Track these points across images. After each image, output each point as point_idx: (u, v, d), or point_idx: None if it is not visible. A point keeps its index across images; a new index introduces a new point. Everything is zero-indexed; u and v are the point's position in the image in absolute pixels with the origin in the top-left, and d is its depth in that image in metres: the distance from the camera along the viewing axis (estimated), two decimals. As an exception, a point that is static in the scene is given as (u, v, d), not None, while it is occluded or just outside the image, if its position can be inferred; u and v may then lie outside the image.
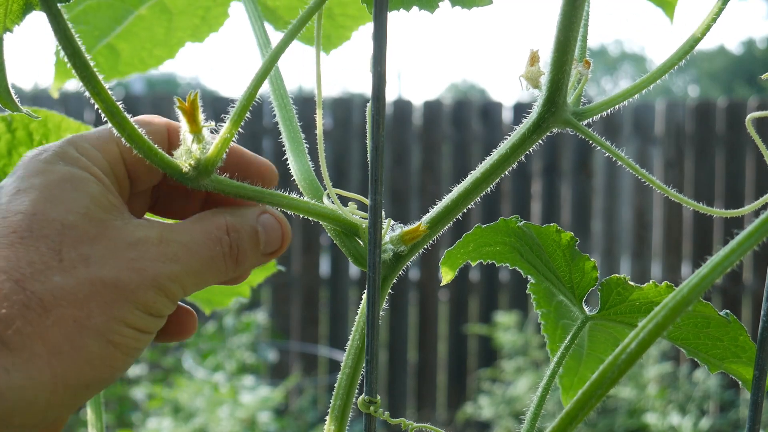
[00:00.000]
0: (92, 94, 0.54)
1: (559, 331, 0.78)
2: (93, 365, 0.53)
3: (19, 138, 0.76)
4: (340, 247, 0.67)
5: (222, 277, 0.60)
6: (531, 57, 0.66)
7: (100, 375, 0.54)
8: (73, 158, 0.57)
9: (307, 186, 0.69)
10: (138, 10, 0.91)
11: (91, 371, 0.53)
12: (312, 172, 0.70)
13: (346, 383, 0.65)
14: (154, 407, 3.52)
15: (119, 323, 0.54)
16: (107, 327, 0.53)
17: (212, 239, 0.59)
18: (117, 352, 0.54)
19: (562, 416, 0.51)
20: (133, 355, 0.56)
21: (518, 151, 0.65)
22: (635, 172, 0.65)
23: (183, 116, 0.55)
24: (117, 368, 0.55)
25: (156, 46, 0.94)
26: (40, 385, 0.51)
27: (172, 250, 0.56)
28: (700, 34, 0.66)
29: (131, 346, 0.55)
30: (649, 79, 0.66)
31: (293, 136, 0.71)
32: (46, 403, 0.51)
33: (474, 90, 37.19)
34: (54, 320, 0.51)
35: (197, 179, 0.57)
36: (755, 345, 0.66)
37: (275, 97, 0.73)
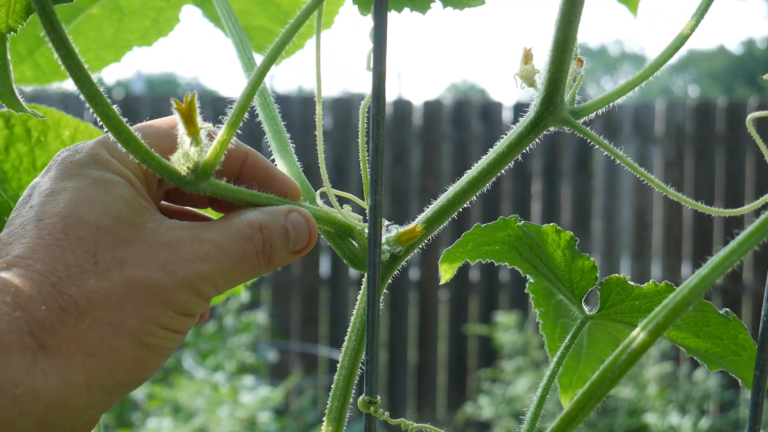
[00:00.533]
0: (87, 97, 0.53)
1: (557, 330, 0.78)
2: (127, 366, 0.54)
3: (17, 134, 0.76)
4: (334, 249, 0.67)
5: (253, 275, 0.61)
6: (524, 55, 0.66)
7: (133, 375, 0.55)
8: (104, 161, 0.58)
9: (300, 186, 0.68)
10: (89, 9, 0.89)
11: (125, 372, 0.54)
12: (302, 173, 0.69)
13: (343, 384, 0.65)
14: (154, 407, 3.52)
15: (153, 325, 0.55)
16: (141, 329, 0.54)
17: (245, 238, 0.59)
18: (150, 353, 0.55)
19: (563, 416, 0.51)
20: (165, 355, 0.57)
21: (515, 150, 0.65)
22: (632, 169, 0.65)
23: (180, 118, 0.55)
24: (150, 368, 0.56)
25: (102, 47, 0.92)
26: (76, 387, 0.51)
27: (205, 249, 0.57)
28: (689, 31, 0.66)
29: (164, 347, 0.56)
30: (641, 76, 0.66)
31: (279, 137, 0.70)
32: (82, 404, 0.52)
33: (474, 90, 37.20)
34: (89, 323, 0.52)
35: (195, 183, 0.57)
36: (755, 343, 0.66)
37: (257, 96, 0.72)
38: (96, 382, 0.53)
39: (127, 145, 0.54)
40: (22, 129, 0.76)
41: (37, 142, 0.77)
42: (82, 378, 0.52)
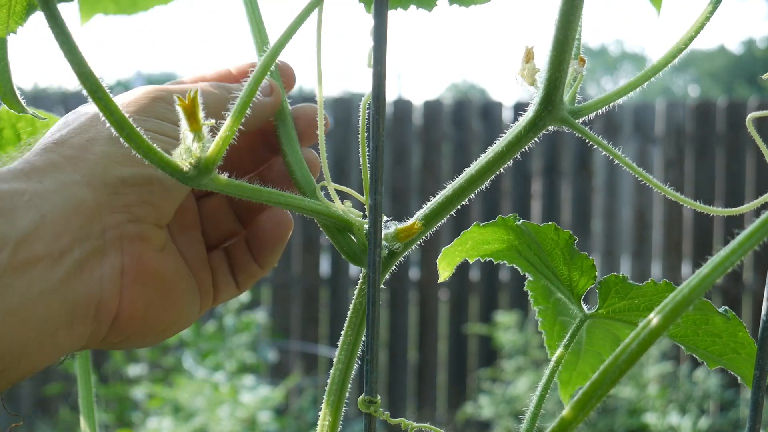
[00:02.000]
0: (90, 93, 0.53)
1: (557, 327, 0.78)
2: (117, 161, 0.59)
3: (7, 137, 0.76)
4: (333, 243, 0.68)
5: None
6: (526, 54, 0.66)
7: (122, 169, 0.59)
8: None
9: (301, 178, 0.69)
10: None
11: (116, 167, 0.59)
12: (306, 166, 0.70)
13: (339, 380, 0.65)
14: (154, 407, 3.52)
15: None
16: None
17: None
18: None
19: (563, 416, 0.51)
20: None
21: (514, 149, 0.65)
22: (631, 169, 0.65)
23: (183, 114, 0.54)
24: (145, 163, 0.60)
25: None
26: (74, 184, 0.57)
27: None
28: (694, 33, 0.66)
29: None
30: (643, 76, 0.66)
31: (285, 128, 0.71)
32: (91, 201, 0.57)
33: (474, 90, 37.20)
34: (68, 150, 0.60)
35: (197, 178, 0.57)
36: (754, 341, 0.66)
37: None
38: (93, 179, 0.57)
39: (130, 141, 0.54)
40: (12, 132, 0.76)
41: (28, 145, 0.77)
42: (77, 177, 0.57)
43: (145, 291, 0.60)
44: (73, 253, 0.55)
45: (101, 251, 0.57)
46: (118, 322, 0.59)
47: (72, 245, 0.55)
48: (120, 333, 0.60)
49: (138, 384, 3.83)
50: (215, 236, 0.72)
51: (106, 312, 0.58)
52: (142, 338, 0.63)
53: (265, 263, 0.72)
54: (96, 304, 0.57)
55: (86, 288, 0.56)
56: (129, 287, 0.59)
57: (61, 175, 0.57)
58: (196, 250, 0.69)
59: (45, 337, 0.54)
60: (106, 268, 0.57)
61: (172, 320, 0.64)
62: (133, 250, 0.59)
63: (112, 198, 0.58)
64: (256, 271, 0.72)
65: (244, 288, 0.73)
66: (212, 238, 0.72)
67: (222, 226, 0.73)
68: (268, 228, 0.71)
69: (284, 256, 4.70)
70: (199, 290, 0.68)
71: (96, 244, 0.57)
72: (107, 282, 0.57)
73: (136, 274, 0.59)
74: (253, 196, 0.61)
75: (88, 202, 0.57)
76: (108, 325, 0.59)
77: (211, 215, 0.72)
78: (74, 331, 0.56)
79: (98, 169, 0.58)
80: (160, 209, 0.61)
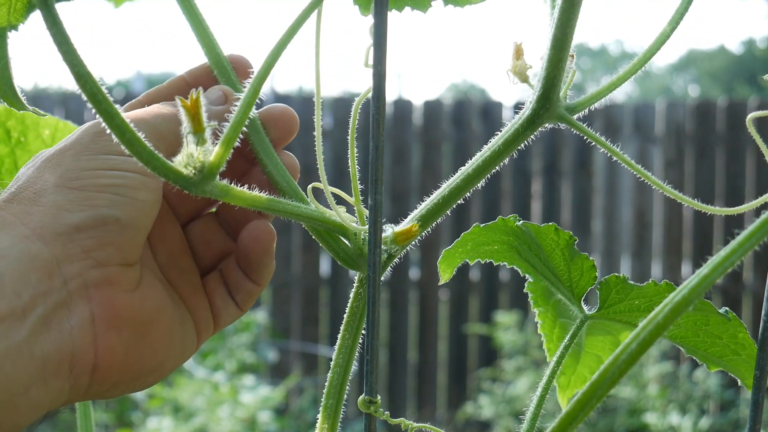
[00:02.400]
0: (89, 96, 0.52)
1: (557, 329, 0.77)
2: (65, 209, 0.58)
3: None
4: (326, 249, 0.67)
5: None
6: (516, 50, 0.66)
7: (67, 217, 0.58)
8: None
9: (287, 187, 0.67)
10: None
11: (67, 214, 0.58)
12: (288, 173, 0.68)
13: (338, 382, 0.65)
14: (154, 407, 3.52)
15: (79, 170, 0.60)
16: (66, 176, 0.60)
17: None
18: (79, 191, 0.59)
19: (563, 416, 0.51)
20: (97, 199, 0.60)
21: (511, 147, 0.65)
22: (631, 167, 0.65)
23: (186, 116, 0.53)
24: (96, 204, 0.58)
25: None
26: (20, 237, 0.56)
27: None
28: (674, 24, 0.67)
29: (100, 184, 0.59)
30: (631, 69, 0.67)
31: (258, 137, 0.67)
32: (46, 253, 0.56)
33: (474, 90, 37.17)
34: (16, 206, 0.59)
35: (201, 184, 0.56)
36: (754, 342, 0.66)
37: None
38: (44, 231, 0.56)
39: (131, 146, 0.53)
40: (2, 130, 0.75)
41: (18, 142, 0.77)
42: (27, 231, 0.56)
43: (122, 335, 0.58)
44: (36, 309, 0.54)
45: (67, 304, 0.56)
46: (98, 373, 0.58)
47: (35, 301, 0.54)
48: (103, 382, 0.59)
49: (138, 384, 3.82)
50: (210, 258, 0.71)
51: (83, 364, 0.56)
52: (131, 383, 0.61)
53: (258, 278, 0.70)
54: (69, 358, 0.55)
55: (55, 343, 0.54)
56: (103, 335, 0.57)
57: (13, 231, 0.56)
58: (188, 278, 0.67)
59: (16, 397, 0.52)
60: (74, 320, 0.56)
61: (159, 360, 0.62)
62: (101, 296, 0.57)
63: (69, 247, 0.56)
64: (253, 288, 0.70)
65: (245, 307, 0.71)
66: (207, 261, 0.70)
67: (214, 246, 0.71)
68: (250, 244, 0.68)
69: (284, 256, 4.70)
70: (195, 319, 0.66)
71: (59, 297, 0.55)
72: (78, 333, 0.56)
73: (109, 321, 0.57)
74: (255, 204, 0.60)
75: (43, 255, 0.55)
76: (88, 376, 0.57)
77: (201, 237, 0.70)
78: (49, 387, 0.54)
79: (48, 220, 0.57)
80: (123, 248, 0.59)
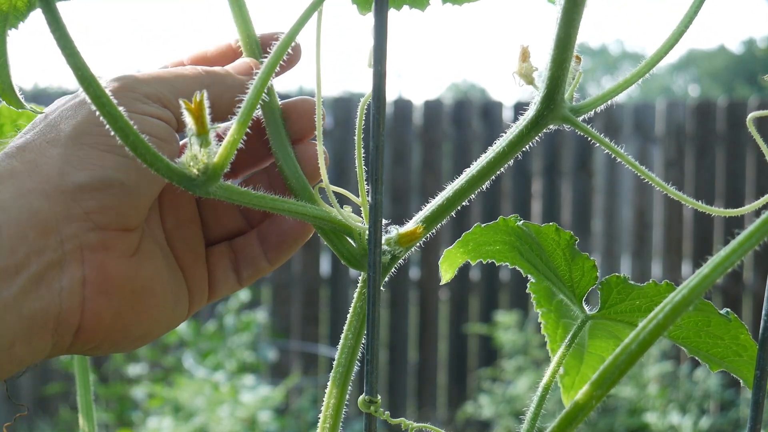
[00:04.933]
0: (92, 98, 0.52)
1: (560, 330, 0.77)
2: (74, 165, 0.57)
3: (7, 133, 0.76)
4: (331, 248, 0.67)
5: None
6: (522, 53, 0.66)
7: (87, 173, 0.57)
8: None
9: (296, 184, 0.67)
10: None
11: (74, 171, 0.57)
12: (300, 171, 0.67)
13: (340, 382, 0.65)
14: (155, 406, 3.52)
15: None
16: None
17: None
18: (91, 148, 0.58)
19: (563, 416, 0.51)
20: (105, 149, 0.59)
21: (516, 148, 0.65)
22: (634, 168, 0.65)
23: (190, 118, 0.53)
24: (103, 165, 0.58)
25: None
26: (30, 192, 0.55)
27: None
28: (685, 25, 0.66)
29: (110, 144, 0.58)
30: (639, 72, 0.66)
31: (275, 126, 0.68)
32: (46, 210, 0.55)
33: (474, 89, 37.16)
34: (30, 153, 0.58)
35: (205, 185, 0.55)
36: (756, 344, 0.66)
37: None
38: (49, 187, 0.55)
39: (135, 149, 0.53)
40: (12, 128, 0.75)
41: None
42: (32, 185, 0.55)
43: (111, 301, 0.57)
44: (29, 267, 0.53)
45: (60, 264, 0.55)
46: (81, 334, 0.57)
47: (28, 259, 0.53)
48: (86, 343, 0.58)
49: (138, 383, 3.83)
50: (218, 232, 0.70)
51: (68, 324, 0.56)
52: (114, 346, 0.61)
53: (275, 260, 0.70)
54: (55, 318, 0.55)
55: (44, 302, 0.54)
56: (92, 299, 0.56)
57: (18, 183, 0.55)
58: (192, 248, 0.67)
59: (1, 352, 0.52)
60: (65, 281, 0.55)
61: (147, 327, 0.62)
62: (95, 260, 0.56)
63: (70, 206, 0.55)
64: (264, 268, 0.70)
65: (245, 283, 0.70)
66: (214, 234, 0.70)
67: (225, 221, 0.70)
68: (293, 227, 0.68)
69: (284, 256, 4.69)
70: (190, 289, 0.66)
71: (54, 256, 0.54)
72: (66, 295, 0.55)
73: (99, 285, 0.57)
74: (259, 203, 0.60)
75: (44, 212, 0.54)
76: (71, 336, 0.57)
77: (213, 211, 0.70)
78: (32, 344, 0.54)
79: (53, 175, 0.56)
80: (124, 214, 0.58)
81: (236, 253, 0.70)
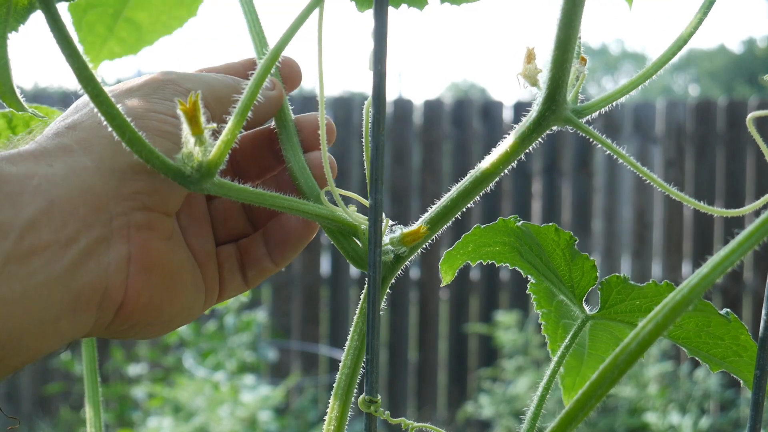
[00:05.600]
0: (91, 97, 0.53)
1: (560, 331, 0.77)
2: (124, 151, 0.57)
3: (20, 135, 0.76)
4: (337, 248, 0.67)
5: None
6: (527, 55, 0.66)
7: (131, 157, 0.58)
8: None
9: (304, 184, 0.68)
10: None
11: (126, 154, 0.57)
12: (309, 172, 0.69)
13: (345, 384, 0.65)
14: (155, 406, 3.52)
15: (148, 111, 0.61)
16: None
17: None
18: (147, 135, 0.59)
19: (563, 416, 0.51)
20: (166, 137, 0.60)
21: (519, 150, 0.64)
22: (635, 168, 0.65)
23: (184, 118, 0.54)
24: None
25: (174, 7, 0.92)
26: (83, 169, 0.56)
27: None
28: (693, 28, 0.66)
29: (161, 129, 0.60)
30: (644, 75, 0.66)
31: (287, 133, 0.70)
32: (99, 186, 0.56)
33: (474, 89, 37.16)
34: (81, 132, 0.59)
35: (200, 182, 0.57)
36: (756, 344, 0.66)
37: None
38: (102, 165, 0.57)
39: (131, 145, 0.55)
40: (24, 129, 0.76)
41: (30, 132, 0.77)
42: (87, 161, 0.56)
43: (151, 280, 0.59)
44: (79, 241, 0.54)
45: (108, 239, 0.56)
46: (122, 311, 0.59)
47: (79, 233, 0.54)
48: (124, 321, 0.59)
49: (138, 383, 3.83)
50: (224, 233, 0.72)
51: (111, 300, 0.57)
52: (147, 327, 0.62)
53: (280, 261, 0.71)
54: (101, 293, 0.56)
55: (92, 276, 0.55)
56: (135, 276, 0.58)
57: (71, 160, 0.56)
58: (204, 244, 0.68)
59: (47, 325, 0.53)
60: (112, 257, 0.56)
61: (176, 311, 0.64)
62: (140, 238, 0.58)
63: (121, 185, 0.57)
64: (269, 268, 0.71)
65: (251, 284, 0.72)
66: (221, 235, 0.72)
67: (232, 225, 0.72)
68: (293, 225, 0.70)
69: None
70: (205, 284, 0.68)
71: (103, 231, 0.56)
72: (113, 270, 0.57)
73: (143, 263, 0.58)
74: (257, 200, 0.61)
75: (96, 188, 0.56)
76: (112, 313, 0.58)
77: (221, 214, 0.72)
78: (77, 319, 0.55)
79: (107, 154, 0.57)
80: (168, 198, 0.60)
81: (242, 253, 0.72)
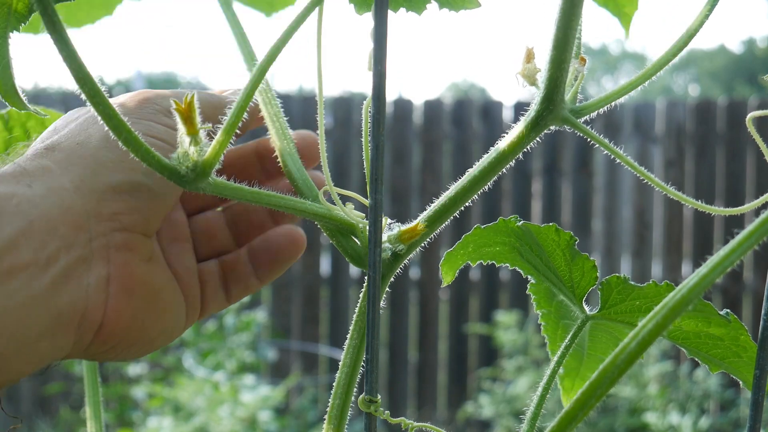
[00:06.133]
0: (88, 96, 0.53)
1: (560, 331, 0.77)
2: (107, 167, 0.58)
3: (16, 136, 0.76)
4: (336, 247, 0.67)
5: None
6: (526, 54, 0.66)
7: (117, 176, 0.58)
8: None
9: (302, 184, 0.69)
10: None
11: (107, 173, 0.58)
12: (306, 173, 0.69)
13: (345, 383, 0.65)
14: (155, 406, 3.52)
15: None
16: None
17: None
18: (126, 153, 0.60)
19: (562, 416, 0.51)
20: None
21: (516, 149, 0.65)
22: (633, 169, 0.65)
23: (179, 118, 0.55)
24: (131, 168, 0.59)
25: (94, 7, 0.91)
26: (62, 190, 0.56)
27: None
28: (694, 30, 0.66)
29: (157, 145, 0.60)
30: (644, 75, 0.66)
31: (282, 134, 0.70)
32: (79, 206, 0.56)
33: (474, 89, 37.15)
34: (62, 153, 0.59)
35: (195, 182, 0.57)
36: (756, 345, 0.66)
37: (259, 93, 0.72)
38: (82, 185, 0.57)
39: (128, 144, 0.55)
40: (21, 131, 0.76)
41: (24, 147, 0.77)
42: (66, 182, 0.56)
43: (131, 301, 0.59)
44: (59, 261, 0.54)
45: (87, 260, 0.56)
46: (102, 333, 0.58)
47: (58, 253, 0.54)
48: (104, 342, 0.59)
49: (138, 383, 3.83)
50: (206, 251, 0.72)
51: (91, 322, 0.57)
52: (127, 349, 0.62)
53: (265, 278, 0.72)
54: (81, 314, 0.56)
55: (71, 297, 0.55)
56: (115, 297, 0.58)
57: (51, 180, 0.56)
58: (185, 263, 0.68)
59: (27, 345, 0.52)
60: (92, 278, 0.56)
61: (157, 332, 0.63)
62: (120, 259, 0.58)
63: (100, 205, 0.57)
64: (254, 285, 0.72)
65: (234, 300, 0.72)
66: (204, 253, 0.72)
67: (215, 242, 0.72)
68: (282, 243, 0.71)
69: (284, 256, 4.69)
70: (186, 303, 0.68)
71: (82, 252, 0.56)
72: (93, 291, 0.56)
73: (123, 284, 0.58)
74: (253, 198, 0.61)
75: (76, 208, 0.56)
76: (92, 334, 0.58)
77: (204, 231, 0.72)
78: (57, 341, 0.54)
79: (86, 175, 0.57)
80: (148, 218, 0.60)
81: (225, 270, 0.72)
